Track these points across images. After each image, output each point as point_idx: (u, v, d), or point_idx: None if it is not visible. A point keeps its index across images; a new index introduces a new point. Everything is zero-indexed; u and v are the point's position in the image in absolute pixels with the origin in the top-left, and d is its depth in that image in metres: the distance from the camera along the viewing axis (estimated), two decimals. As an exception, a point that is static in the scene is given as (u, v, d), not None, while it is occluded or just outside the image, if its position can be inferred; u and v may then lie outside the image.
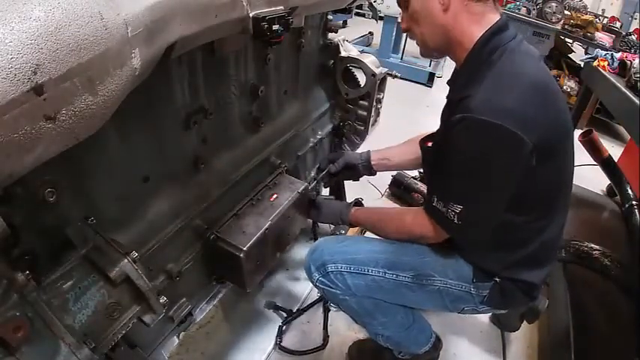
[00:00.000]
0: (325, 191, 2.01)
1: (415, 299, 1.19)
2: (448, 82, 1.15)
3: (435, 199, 1.01)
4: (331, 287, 1.18)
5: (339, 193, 1.97)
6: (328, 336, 1.61)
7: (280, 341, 1.57)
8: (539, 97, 0.90)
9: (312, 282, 1.23)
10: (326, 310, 1.70)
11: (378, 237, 1.27)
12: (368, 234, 2.03)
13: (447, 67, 4.95)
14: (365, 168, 1.49)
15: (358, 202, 1.51)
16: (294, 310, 1.68)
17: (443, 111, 1.19)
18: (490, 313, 1.76)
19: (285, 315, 1.66)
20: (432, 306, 1.23)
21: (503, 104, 0.86)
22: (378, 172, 1.52)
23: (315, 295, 1.77)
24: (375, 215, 1.30)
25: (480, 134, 0.87)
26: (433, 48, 1.03)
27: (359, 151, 1.70)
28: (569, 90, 4.17)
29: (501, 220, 1.01)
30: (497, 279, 1.11)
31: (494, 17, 0.96)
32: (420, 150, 1.20)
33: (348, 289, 1.17)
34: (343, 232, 2.03)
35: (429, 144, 1.13)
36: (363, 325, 1.31)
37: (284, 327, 1.62)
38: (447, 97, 1.13)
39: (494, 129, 0.84)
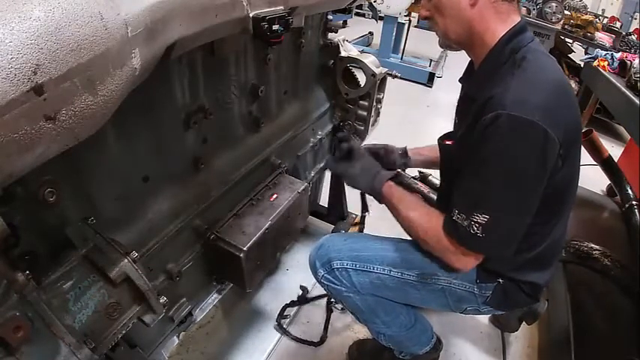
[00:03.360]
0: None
1: (419, 298, 1.19)
2: (461, 80, 1.14)
3: (456, 212, 0.94)
4: (336, 284, 1.19)
5: (339, 193, 1.97)
6: (327, 336, 1.61)
7: (280, 320, 1.60)
8: (562, 96, 0.92)
9: (317, 278, 1.23)
10: (329, 311, 1.70)
11: (383, 235, 1.27)
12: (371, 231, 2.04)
13: (447, 68, 4.95)
14: (401, 156, 1.42)
15: (399, 174, 1.32)
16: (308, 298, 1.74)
17: (458, 109, 1.14)
18: (491, 314, 1.77)
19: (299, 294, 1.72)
20: (435, 305, 1.24)
21: (536, 102, 0.86)
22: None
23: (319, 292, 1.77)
24: (410, 198, 1.15)
25: (515, 130, 0.85)
26: (454, 40, 1.02)
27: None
28: (569, 90, 4.17)
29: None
30: (500, 280, 1.11)
31: (516, 18, 0.97)
32: (439, 148, 1.19)
33: (352, 287, 1.17)
34: (343, 231, 2.03)
35: (448, 142, 1.11)
36: (365, 324, 1.31)
37: (285, 310, 1.65)
38: (465, 93, 1.10)
39: (529, 126, 0.83)
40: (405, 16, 4.81)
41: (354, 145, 1.25)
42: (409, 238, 1.15)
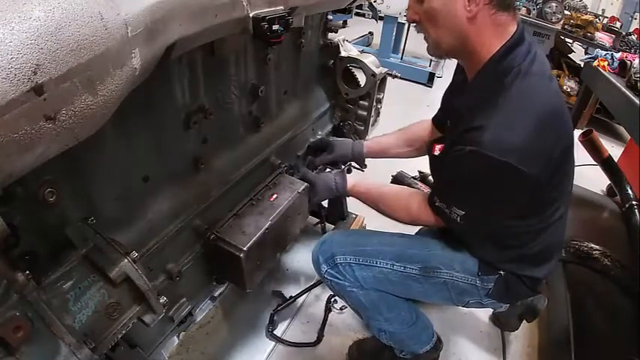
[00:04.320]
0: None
1: (422, 291, 1.21)
2: (454, 80, 1.18)
3: (437, 200, 1.05)
4: (339, 279, 1.20)
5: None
6: (323, 335, 1.61)
7: (272, 329, 1.59)
8: (547, 127, 0.91)
9: (320, 274, 1.24)
10: (327, 311, 1.70)
11: (385, 230, 1.29)
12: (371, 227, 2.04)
13: (447, 68, 4.95)
14: (356, 160, 1.48)
15: (349, 170, 1.47)
16: (288, 298, 1.71)
17: (444, 110, 1.18)
18: (492, 311, 1.77)
19: (279, 302, 1.68)
20: (438, 299, 1.25)
21: (512, 142, 0.87)
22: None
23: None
24: (375, 192, 1.26)
25: (489, 169, 0.89)
26: (446, 51, 0.99)
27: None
28: (569, 90, 4.17)
29: (503, 225, 1.05)
30: (501, 272, 1.14)
31: (512, 28, 0.94)
32: (428, 154, 1.20)
33: (356, 281, 1.18)
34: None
35: (437, 148, 1.12)
36: (367, 321, 1.32)
37: (275, 315, 1.64)
38: (457, 100, 1.11)
39: (503, 166, 0.86)
40: (405, 16, 4.80)
41: (303, 173, 1.37)
42: (411, 233, 1.18)
